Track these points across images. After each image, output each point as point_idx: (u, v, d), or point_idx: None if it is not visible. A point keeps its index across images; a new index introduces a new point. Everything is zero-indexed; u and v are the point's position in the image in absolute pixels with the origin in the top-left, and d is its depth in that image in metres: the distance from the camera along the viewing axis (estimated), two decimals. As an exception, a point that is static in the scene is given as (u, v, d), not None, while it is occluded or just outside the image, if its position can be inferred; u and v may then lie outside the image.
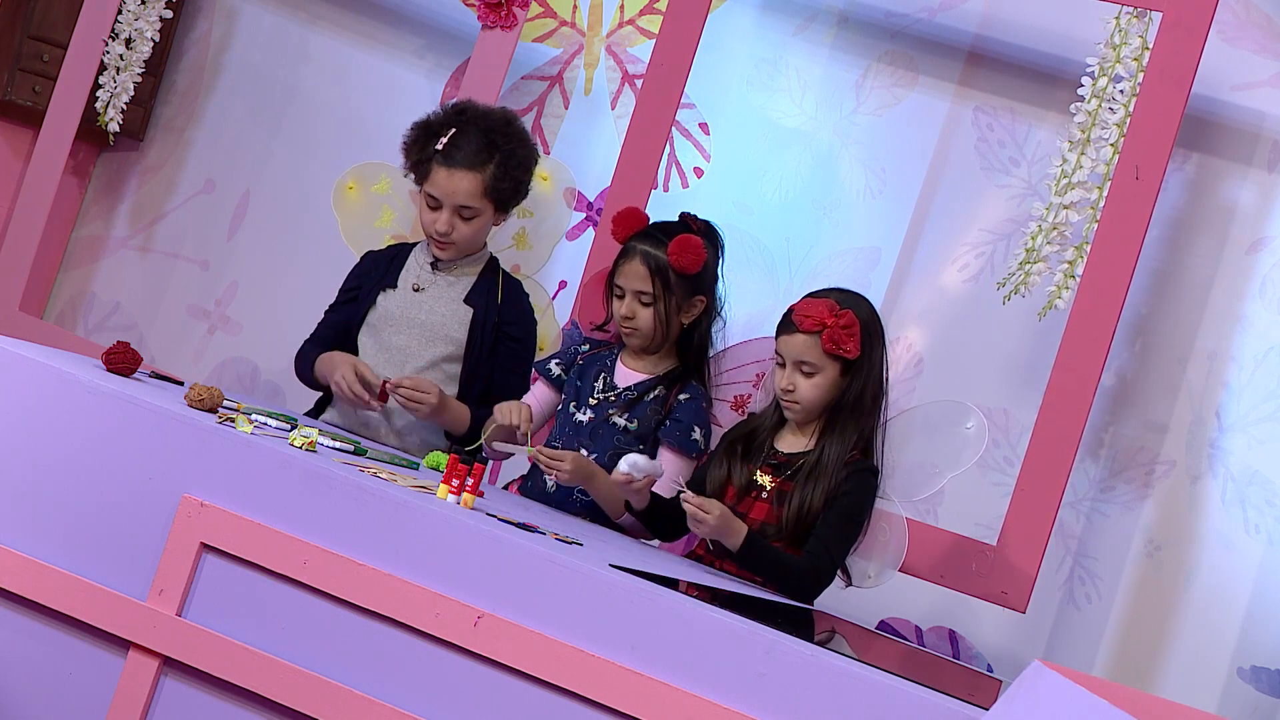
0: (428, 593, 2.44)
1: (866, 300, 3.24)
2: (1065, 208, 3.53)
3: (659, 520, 3.28)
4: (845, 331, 3.13)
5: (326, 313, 3.74)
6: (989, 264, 3.94)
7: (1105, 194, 3.49)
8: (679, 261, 3.38)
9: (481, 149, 3.56)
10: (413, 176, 3.64)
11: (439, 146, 3.55)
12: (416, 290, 3.64)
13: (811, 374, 3.16)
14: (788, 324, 3.19)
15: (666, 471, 3.26)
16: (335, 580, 2.48)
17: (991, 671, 3.71)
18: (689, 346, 3.49)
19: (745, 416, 3.51)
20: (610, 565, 2.51)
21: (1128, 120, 3.49)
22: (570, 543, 2.65)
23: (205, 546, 2.55)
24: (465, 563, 2.45)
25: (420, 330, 3.61)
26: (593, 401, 3.47)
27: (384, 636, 2.46)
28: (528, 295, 3.74)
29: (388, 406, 3.55)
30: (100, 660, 2.58)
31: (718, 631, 2.34)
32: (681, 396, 3.43)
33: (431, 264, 3.65)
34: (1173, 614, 3.72)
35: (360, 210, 4.12)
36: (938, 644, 3.86)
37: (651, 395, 3.44)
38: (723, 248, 3.51)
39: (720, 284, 3.50)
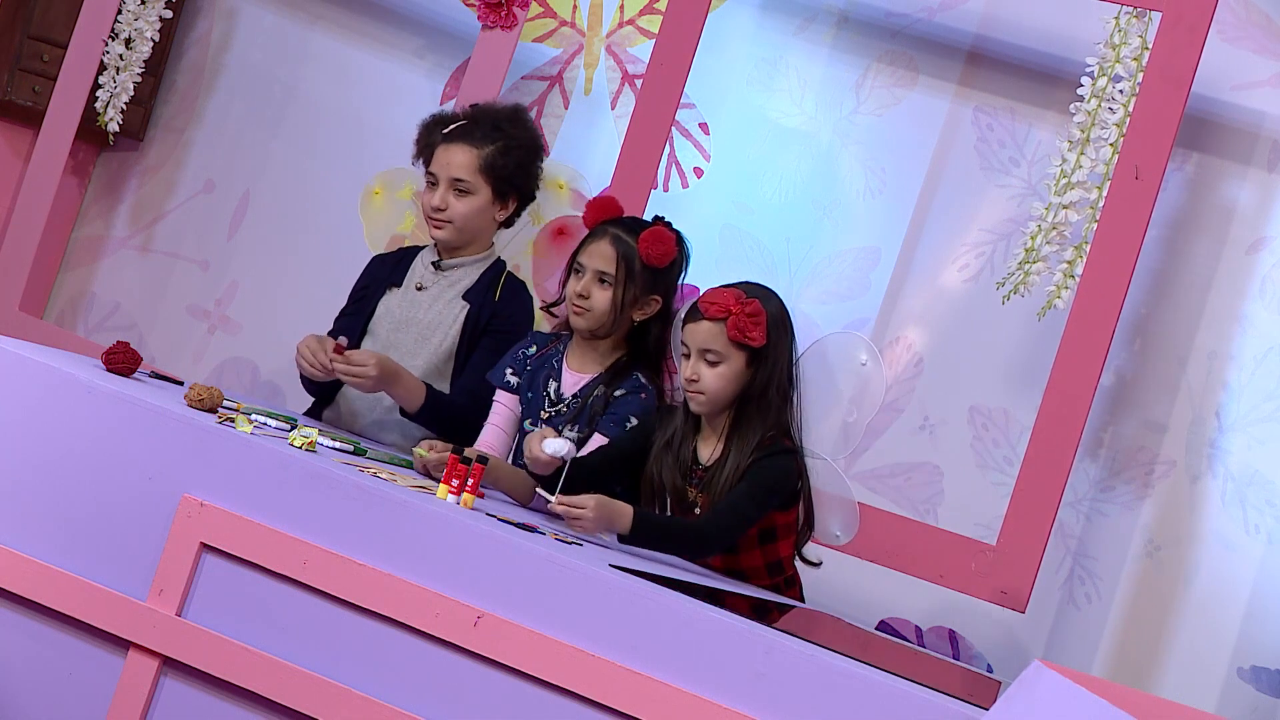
0: (428, 593, 2.44)
1: (776, 295, 3.22)
2: (1065, 208, 3.53)
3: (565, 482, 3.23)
4: (751, 319, 3.11)
5: (336, 320, 3.73)
6: (989, 264, 3.94)
7: (1105, 194, 3.49)
8: (648, 250, 3.36)
9: (486, 132, 3.61)
10: (422, 163, 3.68)
11: (445, 131, 3.62)
12: (419, 289, 3.64)
13: (716, 363, 3.13)
14: (694, 312, 3.16)
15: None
16: (335, 580, 2.48)
17: (991, 671, 3.70)
18: (638, 347, 3.46)
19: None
20: (610, 565, 2.51)
21: (1127, 120, 3.49)
22: (570, 543, 2.65)
23: (205, 546, 2.55)
24: (465, 563, 2.45)
25: (418, 328, 3.60)
26: (544, 416, 3.43)
27: (384, 636, 2.47)
28: (531, 298, 3.72)
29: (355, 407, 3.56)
30: (100, 660, 2.58)
31: (718, 631, 2.34)
32: (618, 393, 3.37)
33: (435, 263, 3.65)
34: (1173, 614, 3.72)
35: (385, 216, 4.13)
36: (938, 644, 3.85)
37: (594, 395, 3.39)
38: (688, 261, 3.48)
39: (678, 294, 3.47)
